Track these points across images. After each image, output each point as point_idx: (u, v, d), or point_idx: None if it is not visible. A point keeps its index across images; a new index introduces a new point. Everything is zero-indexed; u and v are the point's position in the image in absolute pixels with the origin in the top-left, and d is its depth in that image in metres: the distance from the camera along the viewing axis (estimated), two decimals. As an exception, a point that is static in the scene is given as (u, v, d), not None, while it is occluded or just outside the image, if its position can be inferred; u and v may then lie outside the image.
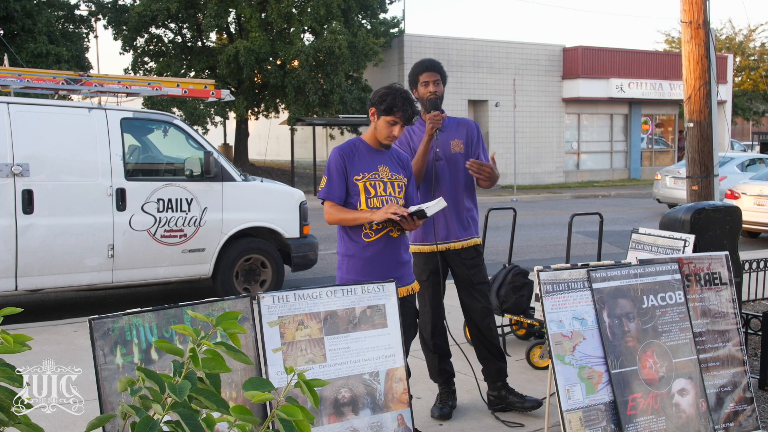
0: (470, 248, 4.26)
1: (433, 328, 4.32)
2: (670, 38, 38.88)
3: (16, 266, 6.31)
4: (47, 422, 2.42)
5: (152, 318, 2.79)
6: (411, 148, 4.20)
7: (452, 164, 4.20)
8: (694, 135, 6.15)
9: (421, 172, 4.09)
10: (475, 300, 4.28)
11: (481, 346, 4.35)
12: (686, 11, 6.08)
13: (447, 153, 4.19)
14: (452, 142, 4.23)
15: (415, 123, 4.28)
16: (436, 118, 4.01)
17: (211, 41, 25.74)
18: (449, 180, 4.18)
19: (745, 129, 50.57)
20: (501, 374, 4.32)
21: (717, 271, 3.92)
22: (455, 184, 4.20)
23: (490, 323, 4.32)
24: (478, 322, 4.31)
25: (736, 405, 3.76)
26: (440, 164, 4.15)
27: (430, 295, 4.28)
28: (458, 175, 4.21)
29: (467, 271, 4.25)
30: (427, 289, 4.27)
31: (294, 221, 7.69)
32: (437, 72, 4.20)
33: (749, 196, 12.28)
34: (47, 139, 6.49)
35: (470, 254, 4.26)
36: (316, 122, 21.50)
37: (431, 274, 4.24)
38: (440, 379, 4.37)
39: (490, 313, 4.32)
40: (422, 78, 4.19)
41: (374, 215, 3.48)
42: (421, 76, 4.19)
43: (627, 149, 30.15)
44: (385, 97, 3.55)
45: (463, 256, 4.24)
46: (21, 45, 19.47)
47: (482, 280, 4.31)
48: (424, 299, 4.31)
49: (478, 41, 26.33)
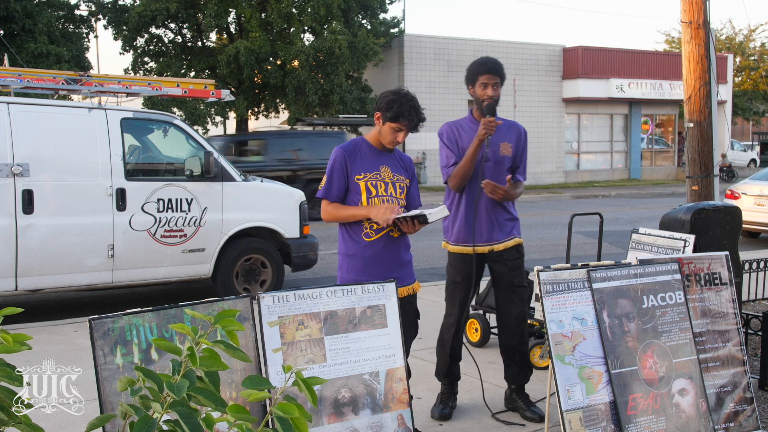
0: (512, 248, 4.21)
1: (456, 331, 4.27)
2: (670, 38, 38.90)
3: (16, 266, 6.31)
4: (47, 422, 2.42)
5: (152, 318, 2.79)
6: (459, 146, 4.14)
7: (499, 166, 4.13)
8: (694, 135, 6.15)
9: (468, 173, 4.05)
10: (512, 304, 4.24)
11: (507, 350, 4.29)
12: (686, 11, 6.08)
13: (496, 155, 4.12)
14: (502, 144, 4.15)
15: (465, 120, 4.22)
16: (491, 124, 3.93)
17: (211, 41, 25.73)
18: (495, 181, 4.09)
19: (745, 129, 50.58)
20: (517, 379, 4.29)
21: (717, 271, 3.92)
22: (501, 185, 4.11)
23: (524, 329, 4.27)
24: (512, 327, 4.25)
25: (736, 405, 3.76)
26: (488, 165, 4.08)
27: (461, 298, 4.23)
28: (503, 178, 4.13)
29: (509, 273, 4.20)
30: (460, 292, 4.23)
31: (294, 221, 7.69)
32: (498, 75, 4.11)
33: (749, 196, 12.28)
34: (47, 139, 6.49)
35: (512, 254, 4.20)
36: (316, 122, 21.49)
37: (466, 276, 4.18)
38: (446, 380, 4.34)
39: (524, 319, 4.28)
40: (482, 79, 4.08)
41: (370, 211, 3.48)
42: (481, 77, 4.09)
43: (627, 149, 30.15)
44: (392, 104, 3.52)
45: (506, 256, 4.18)
46: (21, 45, 19.47)
47: (522, 284, 4.26)
48: (454, 301, 4.26)
49: (478, 41, 26.34)
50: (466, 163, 4.02)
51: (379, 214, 3.46)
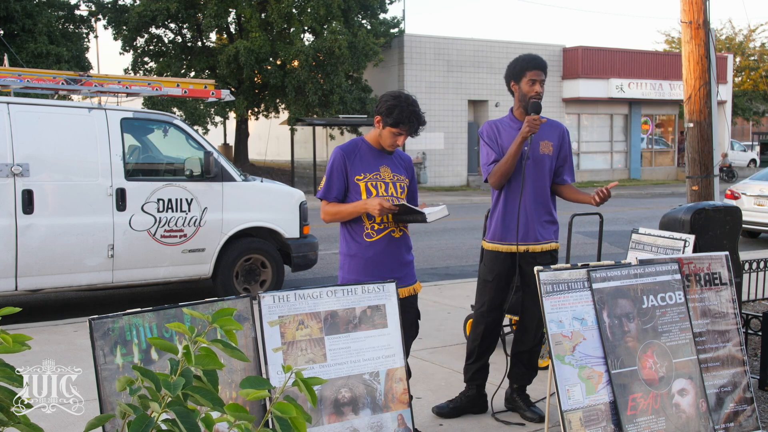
0: (547, 253, 4.10)
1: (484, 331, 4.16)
2: (670, 38, 38.91)
3: (16, 266, 6.31)
4: (47, 422, 2.42)
5: (152, 318, 2.79)
6: (499, 144, 4.08)
7: (539, 165, 4.06)
8: (694, 135, 6.15)
9: (510, 171, 3.99)
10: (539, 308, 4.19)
11: (519, 351, 4.24)
12: (686, 11, 6.08)
13: (536, 154, 4.06)
14: (542, 143, 4.09)
15: (505, 119, 4.17)
16: (536, 122, 3.87)
17: (211, 41, 25.76)
18: (533, 180, 4.05)
19: (745, 129, 50.57)
20: (521, 379, 4.26)
21: (717, 271, 3.91)
22: (540, 185, 4.08)
23: (542, 333, 4.17)
24: (533, 330, 4.17)
25: (736, 405, 3.76)
26: (528, 164, 4.01)
27: (490, 297, 4.14)
28: (543, 177, 4.08)
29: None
30: (489, 291, 4.14)
31: (294, 221, 7.69)
32: (545, 72, 4.07)
33: (749, 196, 12.28)
34: (47, 139, 6.49)
35: (546, 260, 4.08)
36: (316, 122, 21.51)
37: (497, 276, 4.11)
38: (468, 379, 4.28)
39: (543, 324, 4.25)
40: (530, 75, 4.02)
41: (367, 204, 3.46)
42: (529, 73, 4.03)
43: (627, 149, 30.15)
44: (393, 109, 3.51)
45: (539, 260, 4.06)
46: (21, 45, 19.48)
47: None
48: (483, 300, 4.17)
49: (478, 41, 26.34)
50: (508, 160, 3.96)
51: (374, 204, 3.44)
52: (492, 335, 4.22)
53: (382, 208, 3.41)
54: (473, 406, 4.25)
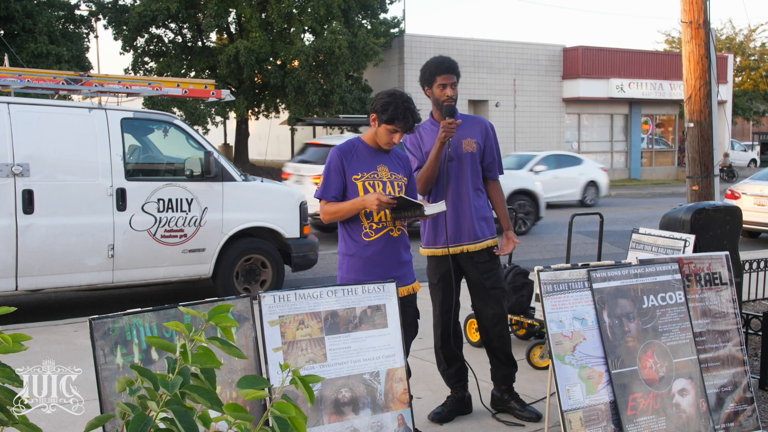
0: (483, 251, 4.12)
1: (442, 335, 4.20)
2: (670, 38, 38.89)
3: (16, 266, 6.30)
4: (47, 422, 2.42)
5: (152, 318, 2.79)
6: (422, 151, 4.09)
7: (462, 164, 4.08)
8: (694, 135, 6.15)
9: (433, 177, 4.01)
10: (487, 306, 4.17)
11: (490, 352, 4.28)
12: (686, 11, 6.08)
13: (458, 152, 4.07)
14: (464, 141, 4.09)
15: (426, 123, 4.17)
16: (451, 127, 3.89)
17: (211, 41, 25.76)
18: (457, 180, 4.07)
19: (746, 129, 50.56)
20: (507, 379, 4.27)
21: (717, 271, 3.91)
22: (466, 184, 4.09)
23: (502, 330, 4.21)
24: (489, 329, 4.21)
25: (737, 405, 3.76)
26: (452, 165, 4.03)
27: (440, 300, 4.18)
28: (468, 176, 4.08)
29: (480, 276, 4.13)
30: (437, 293, 4.18)
31: (294, 221, 7.69)
32: (455, 74, 4.06)
33: (749, 196, 12.27)
34: (47, 139, 6.49)
35: (483, 257, 4.11)
36: (316, 122, 21.50)
37: (442, 277, 4.14)
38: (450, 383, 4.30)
39: (502, 320, 4.21)
40: (440, 79, 4.02)
41: (365, 200, 3.46)
42: (439, 78, 4.02)
43: (627, 149, 30.15)
44: (387, 106, 3.51)
45: (476, 259, 4.10)
46: (21, 45, 19.48)
47: (495, 285, 4.17)
48: (435, 303, 4.22)
49: (478, 41, 26.34)
50: (429, 166, 3.98)
51: (372, 200, 3.44)
52: (453, 335, 4.23)
53: (380, 203, 3.40)
54: (466, 407, 4.27)
